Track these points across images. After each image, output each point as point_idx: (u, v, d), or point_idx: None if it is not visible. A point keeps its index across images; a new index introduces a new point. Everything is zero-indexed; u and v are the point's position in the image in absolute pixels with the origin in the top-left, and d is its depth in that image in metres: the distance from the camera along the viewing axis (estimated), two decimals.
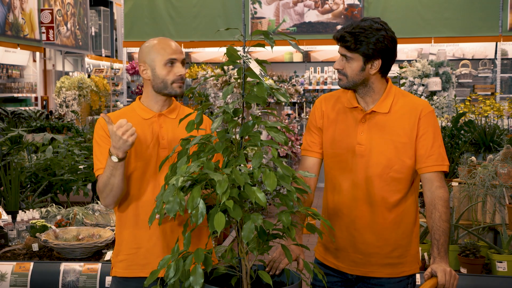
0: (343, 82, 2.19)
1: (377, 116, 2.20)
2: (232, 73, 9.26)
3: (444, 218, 2.11)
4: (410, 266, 2.25)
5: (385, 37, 2.11)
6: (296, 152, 8.26)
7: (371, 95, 2.21)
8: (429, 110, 2.20)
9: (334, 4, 11.62)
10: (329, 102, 2.32)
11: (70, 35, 13.22)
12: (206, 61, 12.27)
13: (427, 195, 2.17)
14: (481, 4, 11.21)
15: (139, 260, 2.25)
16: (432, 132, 2.17)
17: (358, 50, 2.11)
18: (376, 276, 2.23)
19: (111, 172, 2.13)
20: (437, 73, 8.94)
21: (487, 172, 3.43)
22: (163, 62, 2.23)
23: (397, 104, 2.20)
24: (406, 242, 2.23)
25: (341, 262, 2.27)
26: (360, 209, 2.21)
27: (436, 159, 2.16)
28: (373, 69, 2.15)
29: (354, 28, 2.11)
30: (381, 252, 2.21)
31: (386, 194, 2.19)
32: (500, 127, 5.79)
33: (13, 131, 5.89)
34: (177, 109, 2.35)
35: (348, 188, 2.22)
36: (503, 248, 2.97)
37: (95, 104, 12.03)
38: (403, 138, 2.17)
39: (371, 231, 2.21)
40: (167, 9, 12.01)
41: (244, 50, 1.76)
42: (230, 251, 1.82)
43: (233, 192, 1.62)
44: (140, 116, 2.29)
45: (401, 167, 2.17)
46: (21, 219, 3.54)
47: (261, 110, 8.12)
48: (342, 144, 2.23)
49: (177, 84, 2.25)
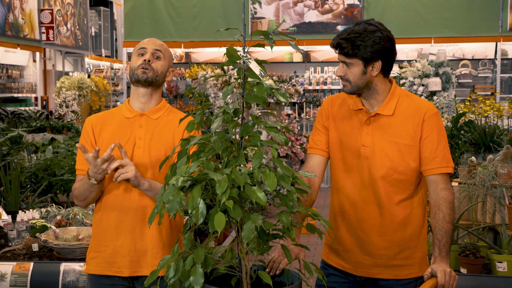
0: (347, 88, 2.20)
1: (381, 119, 2.20)
2: (232, 73, 9.26)
3: (448, 219, 2.11)
4: (419, 268, 2.25)
5: (381, 38, 2.11)
6: (296, 152, 8.26)
7: (376, 97, 2.21)
8: (434, 112, 2.20)
9: (334, 4, 11.62)
10: (335, 103, 2.33)
11: (70, 35, 13.22)
12: (206, 61, 12.28)
13: (432, 196, 2.17)
14: (481, 4, 11.22)
15: (107, 258, 2.30)
16: (437, 134, 2.17)
17: (356, 55, 2.11)
18: (384, 277, 2.23)
19: (89, 189, 2.24)
20: (437, 73, 8.95)
21: (487, 172, 3.43)
22: (135, 53, 2.33)
23: (402, 106, 2.21)
24: (414, 244, 2.23)
25: (348, 263, 2.27)
26: (366, 211, 2.21)
27: (441, 161, 2.16)
28: (374, 71, 2.15)
29: (349, 33, 2.11)
30: (388, 254, 2.21)
31: (391, 195, 2.19)
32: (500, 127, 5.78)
33: (13, 131, 5.88)
34: (162, 110, 2.36)
35: (354, 190, 2.23)
36: (503, 248, 2.97)
37: (95, 104, 12.03)
38: (407, 140, 2.17)
39: (378, 232, 2.21)
40: (167, 9, 12.02)
41: (244, 50, 1.76)
42: (230, 251, 1.82)
43: (233, 192, 1.62)
44: (124, 115, 2.35)
45: (405, 169, 2.18)
46: (21, 219, 3.54)
47: (261, 110, 8.12)
48: (347, 145, 2.24)
49: (140, 70, 2.29)
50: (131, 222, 2.28)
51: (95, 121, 2.36)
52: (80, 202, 2.34)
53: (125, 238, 2.28)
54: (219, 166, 1.72)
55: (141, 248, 2.28)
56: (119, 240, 2.28)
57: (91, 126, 2.34)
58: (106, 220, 2.31)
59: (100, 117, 2.38)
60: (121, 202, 2.27)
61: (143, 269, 2.28)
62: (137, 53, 2.32)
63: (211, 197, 1.69)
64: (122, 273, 2.29)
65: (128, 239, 2.28)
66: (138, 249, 2.28)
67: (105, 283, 2.31)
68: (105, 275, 2.31)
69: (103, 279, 2.32)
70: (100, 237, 2.33)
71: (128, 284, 2.32)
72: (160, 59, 2.32)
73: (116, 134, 2.30)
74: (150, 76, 2.29)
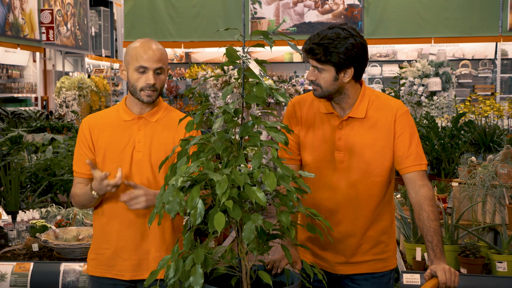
0: (318, 92, 2.18)
1: (353, 122, 2.19)
2: (232, 73, 9.26)
3: (433, 217, 2.11)
4: (392, 260, 2.31)
5: (354, 45, 2.08)
6: None
7: (347, 100, 2.20)
8: (404, 110, 2.20)
9: (334, 4, 11.62)
10: (303, 106, 2.30)
11: (70, 35, 13.22)
12: (206, 61, 12.27)
13: (412, 196, 2.17)
14: (481, 4, 11.21)
15: (106, 260, 2.29)
16: (409, 133, 2.17)
17: (328, 61, 2.09)
18: (360, 272, 2.26)
19: (90, 200, 2.25)
20: (437, 73, 8.94)
21: (487, 172, 3.42)
22: (134, 67, 2.23)
23: (372, 107, 2.20)
24: (386, 238, 2.27)
25: (325, 262, 2.29)
26: (342, 213, 2.22)
27: (415, 159, 2.16)
28: (346, 77, 2.13)
29: (322, 39, 2.08)
30: (362, 251, 2.24)
31: (367, 198, 2.20)
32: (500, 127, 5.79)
33: (13, 131, 5.88)
34: (160, 112, 2.33)
35: (329, 194, 2.22)
36: (503, 248, 2.97)
37: (95, 104, 12.02)
38: (381, 142, 2.18)
39: (353, 233, 2.23)
40: (167, 9, 12.02)
41: (244, 50, 1.76)
42: (230, 251, 1.82)
43: (233, 192, 1.62)
44: (121, 118, 2.31)
45: (381, 170, 2.19)
46: (21, 219, 3.54)
47: (261, 110, 8.12)
48: (321, 150, 2.22)
49: (145, 93, 2.23)
50: (132, 225, 2.26)
51: (92, 123, 2.32)
52: (79, 206, 2.35)
53: (125, 241, 2.27)
54: (219, 166, 1.72)
55: (143, 251, 2.27)
56: (119, 243, 2.27)
57: (88, 128, 2.31)
58: (106, 222, 2.30)
59: (97, 119, 2.33)
60: (122, 205, 2.25)
61: (144, 272, 2.26)
62: (137, 70, 2.23)
63: (211, 197, 1.69)
64: (123, 277, 2.28)
65: (129, 242, 2.27)
66: (140, 253, 2.27)
67: (106, 283, 2.31)
68: (104, 277, 2.31)
69: (104, 279, 2.31)
70: (100, 239, 2.32)
71: (130, 285, 2.31)
72: (161, 74, 2.26)
73: (114, 138, 2.28)
74: (155, 97, 2.26)
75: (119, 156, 2.26)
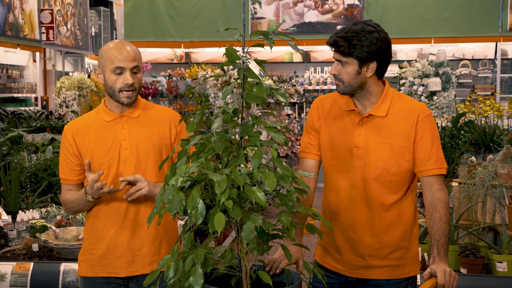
0: (340, 88, 2.19)
1: (374, 120, 2.19)
2: (232, 73, 9.26)
3: (445, 220, 2.12)
4: (410, 268, 2.25)
5: (378, 39, 2.10)
6: (296, 152, 8.26)
7: (369, 98, 2.20)
8: (427, 113, 2.19)
9: (334, 4, 11.62)
10: (326, 103, 2.31)
11: (70, 35, 13.22)
12: (206, 61, 12.27)
13: (427, 197, 2.17)
14: (481, 4, 11.22)
15: (99, 260, 2.30)
16: (430, 136, 2.17)
17: (352, 54, 2.10)
18: (375, 278, 2.23)
19: (85, 204, 2.26)
20: (437, 73, 8.94)
21: (487, 172, 3.43)
22: (110, 69, 2.23)
23: (395, 107, 2.20)
24: (406, 244, 2.23)
25: (340, 264, 2.27)
26: (358, 212, 2.21)
27: (435, 163, 2.16)
28: (369, 72, 2.14)
29: (346, 32, 2.10)
30: (380, 254, 2.21)
31: (384, 196, 2.19)
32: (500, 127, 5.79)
33: (13, 131, 5.88)
34: (140, 107, 2.34)
35: (346, 191, 2.22)
36: (503, 248, 2.97)
37: (95, 104, 12.01)
38: (400, 141, 2.17)
39: (370, 233, 2.20)
40: (167, 9, 12.02)
41: (244, 50, 1.76)
42: (230, 251, 1.82)
43: (232, 193, 1.62)
44: (103, 119, 2.31)
45: (398, 170, 2.17)
46: (21, 219, 3.54)
47: (260, 110, 8.12)
48: (340, 146, 2.23)
49: (124, 94, 2.24)
50: (124, 222, 2.28)
51: (74, 129, 2.31)
52: (72, 212, 2.36)
53: (118, 239, 2.28)
54: (219, 166, 1.72)
55: (136, 247, 2.28)
56: (112, 241, 2.28)
57: (71, 135, 2.30)
58: (97, 223, 2.31)
59: (79, 124, 2.33)
60: (112, 203, 2.27)
61: (139, 268, 2.29)
62: (113, 71, 2.23)
63: (211, 197, 1.69)
64: (118, 274, 2.29)
65: (122, 240, 2.28)
66: (133, 249, 2.28)
67: (100, 281, 2.31)
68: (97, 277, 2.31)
69: (98, 278, 2.31)
70: (92, 239, 2.32)
71: (122, 283, 2.32)
72: (138, 73, 2.27)
73: (99, 139, 2.28)
74: (134, 98, 2.27)
75: (106, 156, 2.27)
